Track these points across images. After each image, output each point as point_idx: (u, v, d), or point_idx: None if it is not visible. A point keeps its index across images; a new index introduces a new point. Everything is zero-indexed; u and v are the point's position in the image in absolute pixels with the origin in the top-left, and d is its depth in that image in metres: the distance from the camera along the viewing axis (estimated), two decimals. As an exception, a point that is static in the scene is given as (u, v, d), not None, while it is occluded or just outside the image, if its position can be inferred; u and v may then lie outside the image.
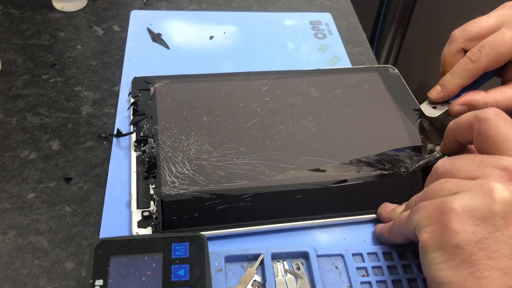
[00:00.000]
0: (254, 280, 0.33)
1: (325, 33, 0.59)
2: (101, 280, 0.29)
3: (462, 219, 0.27)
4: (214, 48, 0.55)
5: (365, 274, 0.35)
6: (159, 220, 0.35)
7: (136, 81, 0.47)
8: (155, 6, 0.61)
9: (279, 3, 0.65)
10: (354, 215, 0.38)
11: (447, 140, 0.37)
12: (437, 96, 0.44)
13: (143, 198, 0.37)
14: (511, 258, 0.26)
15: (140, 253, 0.30)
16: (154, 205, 0.36)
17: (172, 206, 0.36)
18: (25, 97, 0.47)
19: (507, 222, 0.27)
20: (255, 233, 0.36)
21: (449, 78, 0.42)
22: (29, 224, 0.36)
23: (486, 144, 0.32)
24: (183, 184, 0.38)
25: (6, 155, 0.41)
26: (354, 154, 0.42)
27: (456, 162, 0.31)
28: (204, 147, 0.41)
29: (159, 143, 0.41)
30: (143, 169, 0.39)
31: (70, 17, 0.58)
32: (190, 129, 0.43)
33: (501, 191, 0.27)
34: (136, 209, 0.36)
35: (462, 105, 0.42)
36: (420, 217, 0.30)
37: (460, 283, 0.27)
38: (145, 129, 0.42)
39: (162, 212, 0.36)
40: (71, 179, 0.40)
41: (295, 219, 0.37)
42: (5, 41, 0.53)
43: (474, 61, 0.41)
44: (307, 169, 0.40)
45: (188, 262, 0.30)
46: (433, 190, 0.31)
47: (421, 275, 0.34)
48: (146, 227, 0.35)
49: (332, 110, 0.46)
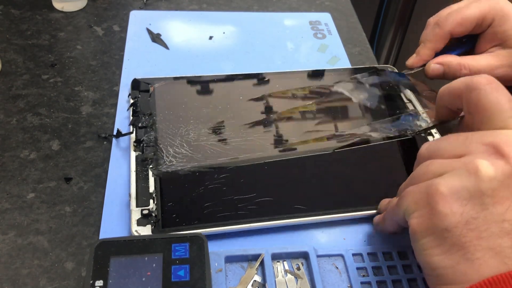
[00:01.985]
0: (254, 280, 0.33)
1: (325, 33, 0.59)
2: (101, 280, 0.29)
3: (449, 201, 0.27)
4: (213, 48, 0.55)
5: (365, 274, 0.35)
6: (159, 218, 0.35)
7: (136, 82, 0.47)
8: (155, 6, 0.61)
9: (279, 3, 0.64)
10: (355, 211, 0.38)
11: (439, 107, 0.37)
12: (412, 61, 0.46)
13: (143, 197, 0.37)
14: (501, 236, 0.26)
15: (140, 254, 0.30)
16: (153, 204, 0.36)
17: (172, 203, 0.36)
18: (25, 97, 0.47)
19: (495, 200, 0.26)
20: (254, 233, 0.36)
21: (422, 45, 0.46)
22: (29, 224, 0.36)
23: (477, 115, 0.30)
24: (181, 162, 0.38)
25: (6, 155, 0.41)
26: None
27: (439, 144, 0.31)
28: (202, 131, 0.42)
29: (157, 129, 0.41)
30: (140, 154, 0.39)
31: (70, 17, 0.58)
32: (189, 118, 0.43)
33: (486, 168, 0.26)
34: (135, 208, 0.36)
35: (437, 63, 0.44)
36: (408, 203, 0.29)
37: (453, 267, 0.26)
38: (144, 121, 0.42)
39: (162, 209, 0.36)
40: (71, 179, 0.40)
41: (298, 214, 0.37)
42: (5, 41, 0.53)
43: (439, 25, 0.44)
44: (310, 138, 0.41)
45: (188, 263, 0.30)
46: (419, 174, 0.30)
47: (421, 275, 0.34)
48: (145, 225, 0.35)
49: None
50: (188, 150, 0.39)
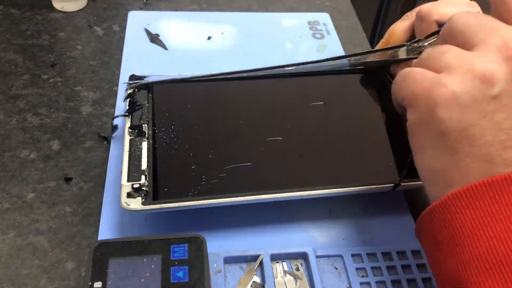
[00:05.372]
0: (253, 281, 0.33)
1: (323, 33, 0.59)
2: (99, 282, 0.29)
3: (449, 107, 0.26)
4: (212, 49, 0.55)
5: (365, 274, 0.35)
6: (150, 192, 0.35)
7: (133, 78, 0.47)
8: (155, 6, 0.61)
9: (279, 3, 0.65)
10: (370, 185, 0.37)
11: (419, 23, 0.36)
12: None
13: (134, 173, 0.36)
14: (493, 145, 0.25)
15: (138, 255, 0.30)
16: (145, 180, 0.36)
17: (164, 178, 0.36)
18: (25, 97, 0.47)
19: (496, 107, 0.25)
20: (254, 233, 0.37)
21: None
22: (29, 224, 0.36)
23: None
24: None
25: (6, 155, 0.41)
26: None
27: (468, 21, 0.28)
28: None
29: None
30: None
31: (70, 17, 0.58)
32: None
33: (497, 74, 0.25)
34: (126, 183, 0.35)
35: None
36: (408, 92, 0.29)
37: (443, 171, 0.27)
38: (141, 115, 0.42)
39: (153, 184, 0.35)
40: (71, 179, 0.40)
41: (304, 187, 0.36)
42: (5, 41, 0.53)
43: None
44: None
45: (187, 264, 0.30)
46: (433, 57, 0.29)
47: (420, 275, 0.35)
48: (135, 198, 0.34)
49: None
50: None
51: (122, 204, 0.34)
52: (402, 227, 0.38)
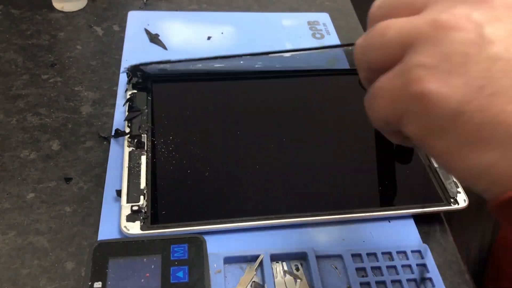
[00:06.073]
0: (253, 281, 0.33)
1: (323, 33, 0.59)
2: (99, 282, 0.29)
3: (436, 85, 0.20)
4: (211, 49, 0.55)
5: (364, 274, 0.35)
6: (148, 215, 0.35)
7: (133, 69, 0.46)
8: (155, 6, 0.61)
9: (279, 3, 0.64)
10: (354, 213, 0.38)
11: None
12: None
13: (133, 193, 0.36)
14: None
15: (138, 255, 0.30)
16: (144, 200, 0.36)
17: (162, 200, 0.37)
18: (25, 97, 0.47)
19: (469, 59, 0.19)
20: (253, 234, 0.37)
21: None
22: (29, 224, 0.36)
23: None
24: None
25: (6, 155, 0.41)
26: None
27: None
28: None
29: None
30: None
31: (70, 17, 0.58)
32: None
33: (462, 24, 0.19)
34: (125, 204, 0.36)
35: None
36: (385, 111, 0.22)
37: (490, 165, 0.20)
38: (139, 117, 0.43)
39: (152, 206, 0.36)
40: (71, 179, 0.40)
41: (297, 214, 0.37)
42: (5, 41, 0.53)
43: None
44: None
45: (187, 264, 0.30)
46: (375, 46, 0.23)
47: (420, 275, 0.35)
48: (134, 221, 0.35)
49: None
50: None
51: (122, 229, 0.34)
52: (402, 227, 0.38)
